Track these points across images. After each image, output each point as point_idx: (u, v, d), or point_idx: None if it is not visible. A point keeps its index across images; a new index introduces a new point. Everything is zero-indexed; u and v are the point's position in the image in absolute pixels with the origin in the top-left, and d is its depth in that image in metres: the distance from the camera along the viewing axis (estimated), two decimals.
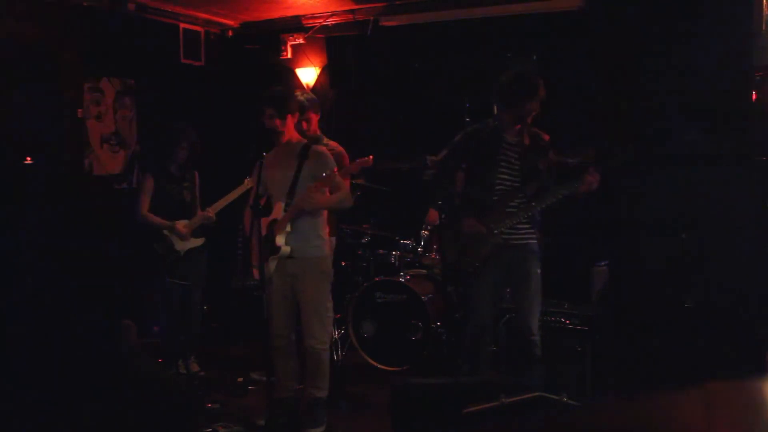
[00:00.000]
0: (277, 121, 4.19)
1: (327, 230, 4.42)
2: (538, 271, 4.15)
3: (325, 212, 4.38)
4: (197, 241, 5.26)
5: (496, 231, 4.11)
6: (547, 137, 4.22)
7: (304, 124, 4.78)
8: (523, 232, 4.14)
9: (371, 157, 4.64)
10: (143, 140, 6.54)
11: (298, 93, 4.88)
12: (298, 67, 7.09)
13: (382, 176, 5.93)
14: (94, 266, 5.52)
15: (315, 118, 4.89)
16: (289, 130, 4.26)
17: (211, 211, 5.14)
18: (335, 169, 4.16)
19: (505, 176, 4.12)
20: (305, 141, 4.36)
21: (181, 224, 5.15)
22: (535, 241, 4.16)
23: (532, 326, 4.11)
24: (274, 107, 4.18)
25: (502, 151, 4.12)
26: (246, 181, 5.04)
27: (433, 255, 5.62)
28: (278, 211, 4.24)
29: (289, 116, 4.23)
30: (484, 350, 4.36)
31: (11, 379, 4.35)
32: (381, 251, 5.85)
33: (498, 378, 4.30)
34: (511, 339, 4.82)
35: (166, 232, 5.15)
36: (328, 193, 4.17)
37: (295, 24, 7.06)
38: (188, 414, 4.27)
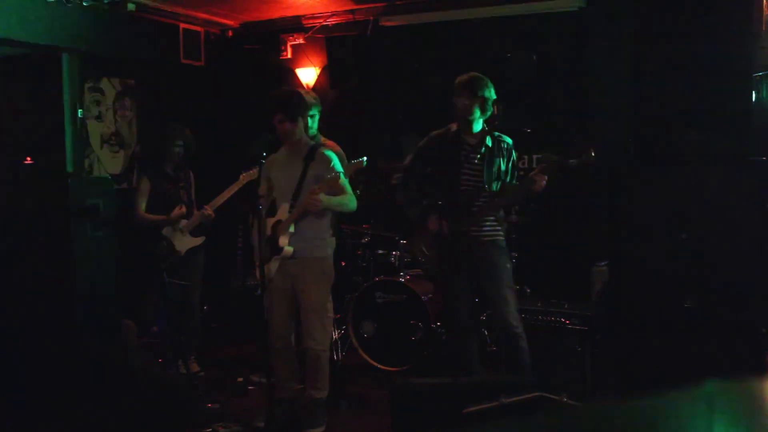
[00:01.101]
0: (288, 125, 4.18)
1: (330, 231, 4.42)
2: (508, 265, 4.27)
3: (330, 214, 4.37)
4: (197, 241, 5.26)
5: (463, 229, 4.19)
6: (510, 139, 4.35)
7: (309, 122, 4.77)
8: (489, 229, 4.25)
9: (365, 158, 4.65)
10: (143, 140, 6.55)
11: (302, 91, 4.88)
12: (298, 67, 7.09)
13: (382, 176, 5.92)
14: (94, 266, 5.51)
15: (317, 117, 4.89)
16: (300, 131, 4.26)
17: (209, 209, 5.14)
18: (339, 173, 4.16)
19: (468, 177, 4.23)
20: (312, 143, 4.35)
21: (177, 213, 5.13)
22: (501, 238, 4.29)
23: (510, 319, 4.16)
24: (284, 111, 4.16)
25: (463, 153, 4.25)
26: (241, 176, 5.04)
27: None
28: (283, 212, 4.24)
29: (300, 118, 4.23)
30: (471, 350, 4.38)
31: (12, 378, 4.36)
32: (381, 251, 5.86)
33: (498, 378, 4.30)
34: (496, 338, 4.85)
35: (165, 232, 5.16)
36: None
37: (295, 24, 7.06)
38: (188, 414, 4.27)
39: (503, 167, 4.27)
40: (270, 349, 4.22)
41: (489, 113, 4.28)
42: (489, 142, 4.26)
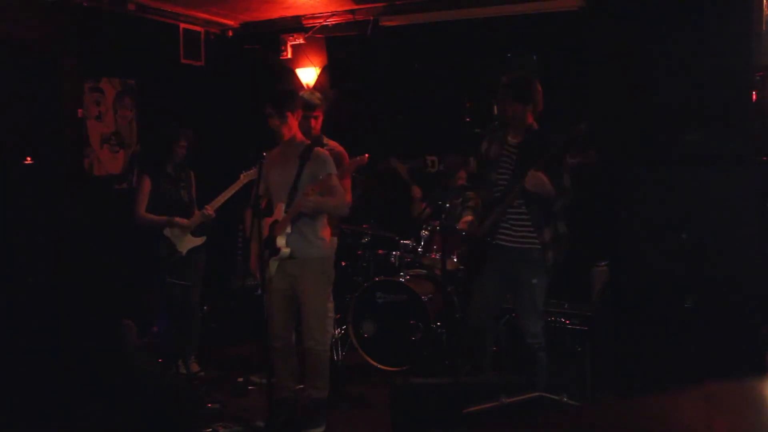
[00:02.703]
0: (276, 120, 4.17)
1: (329, 231, 4.42)
2: (534, 280, 4.03)
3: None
4: (198, 240, 5.26)
5: (486, 231, 4.12)
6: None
7: (312, 122, 4.78)
8: (521, 235, 4.06)
9: (366, 155, 4.65)
10: (143, 140, 6.55)
11: (306, 92, 4.89)
12: (298, 67, 7.09)
13: (382, 176, 5.93)
14: (94, 266, 5.51)
15: (321, 117, 4.90)
16: (290, 129, 4.24)
17: (210, 209, 5.14)
18: (333, 173, 4.16)
19: (505, 177, 4.10)
20: (308, 142, 4.35)
21: (180, 220, 5.16)
22: (536, 247, 4.02)
23: (526, 335, 4.08)
24: (273, 106, 4.16)
25: (503, 152, 4.14)
26: (242, 176, 5.04)
27: (433, 255, 5.63)
28: (279, 212, 4.24)
29: (289, 114, 4.19)
30: (483, 351, 4.36)
31: (12, 378, 4.35)
32: (381, 251, 5.86)
33: (498, 378, 4.30)
34: (512, 341, 4.82)
35: (166, 233, 5.16)
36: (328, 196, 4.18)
37: (295, 24, 7.07)
38: (188, 414, 4.28)
39: (537, 168, 3.93)
40: (270, 349, 4.22)
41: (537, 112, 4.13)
42: (527, 141, 4.08)
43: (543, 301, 4.14)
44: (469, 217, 4.26)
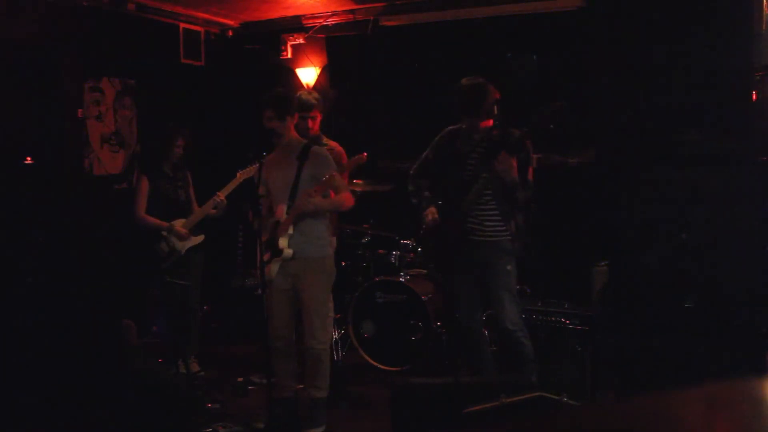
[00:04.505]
0: (277, 123, 4.19)
1: (330, 230, 4.42)
2: (508, 267, 4.18)
3: (329, 213, 4.37)
4: (197, 239, 5.26)
5: (454, 224, 4.15)
6: (526, 141, 4.16)
7: (309, 122, 4.78)
8: (491, 229, 4.17)
9: (365, 154, 4.65)
10: (143, 140, 6.55)
11: (304, 92, 4.89)
12: (298, 67, 7.09)
13: (383, 176, 5.93)
14: (94, 266, 5.51)
15: (319, 117, 4.90)
16: (289, 131, 4.27)
17: (221, 195, 5.06)
18: (335, 173, 4.16)
19: (471, 173, 4.16)
20: (305, 141, 4.36)
21: (179, 223, 5.15)
22: (506, 238, 4.17)
23: (506, 323, 4.14)
24: (273, 109, 4.18)
25: (469, 149, 4.21)
26: (238, 174, 5.03)
27: None
28: (281, 212, 4.24)
29: (289, 117, 4.23)
30: (480, 349, 4.36)
31: (12, 379, 4.35)
32: (381, 251, 5.86)
33: (498, 378, 4.30)
34: (496, 337, 4.85)
35: (165, 233, 5.15)
36: (332, 194, 4.19)
37: (295, 24, 7.06)
38: (188, 414, 4.28)
39: (497, 165, 4.03)
40: (270, 349, 4.22)
41: (495, 110, 4.20)
42: (491, 136, 4.17)
43: (516, 288, 4.26)
44: (433, 208, 4.29)
